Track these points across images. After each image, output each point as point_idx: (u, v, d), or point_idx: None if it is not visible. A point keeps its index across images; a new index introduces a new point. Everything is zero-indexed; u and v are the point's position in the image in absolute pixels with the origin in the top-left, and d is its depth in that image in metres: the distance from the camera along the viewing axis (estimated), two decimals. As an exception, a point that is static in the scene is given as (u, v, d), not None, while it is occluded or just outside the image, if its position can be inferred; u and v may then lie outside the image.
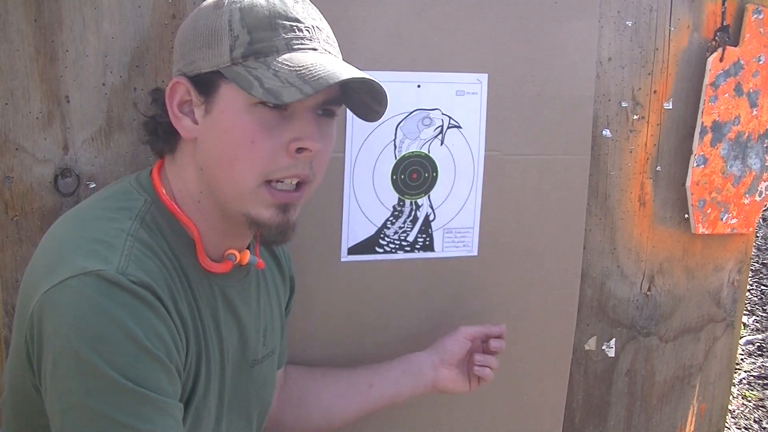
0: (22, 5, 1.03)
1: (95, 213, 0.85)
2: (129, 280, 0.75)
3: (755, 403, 2.74)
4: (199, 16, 0.86)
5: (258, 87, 0.79)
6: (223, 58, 0.82)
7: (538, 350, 1.40)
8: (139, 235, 0.81)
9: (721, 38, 1.40)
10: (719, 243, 1.53)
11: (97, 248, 0.78)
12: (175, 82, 0.87)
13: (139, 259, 0.78)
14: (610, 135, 1.39)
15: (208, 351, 0.89)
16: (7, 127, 1.05)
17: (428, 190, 1.27)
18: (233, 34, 0.81)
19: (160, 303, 0.78)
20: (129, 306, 0.74)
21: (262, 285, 1.02)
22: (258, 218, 0.85)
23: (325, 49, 0.85)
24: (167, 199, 0.88)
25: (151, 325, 0.76)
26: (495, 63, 1.26)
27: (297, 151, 0.83)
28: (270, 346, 1.03)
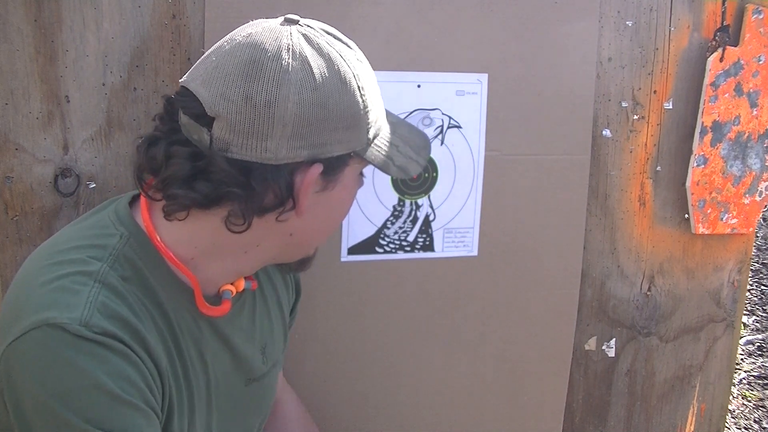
0: (22, 5, 1.03)
1: (65, 255, 0.79)
2: (93, 331, 0.71)
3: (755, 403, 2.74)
4: (326, 92, 0.77)
5: (392, 166, 0.84)
6: (362, 141, 0.82)
7: (538, 350, 1.40)
8: (108, 280, 0.76)
9: (721, 38, 1.40)
10: (719, 243, 1.53)
11: (61, 297, 0.73)
12: (311, 174, 0.79)
13: (105, 306, 0.74)
14: (610, 135, 1.39)
15: (191, 385, 0.86)
16: (7, 127, 1.05)
17: (428, 190, 1.27)
18: (368, 116, 0.82)
19: (129, 348, 0.74)
20: (96, 355, 0.71)
21: (259, 301, 0.99)
22: (308, 257, 0.93)
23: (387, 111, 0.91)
24: (162, 247, 0.82)
25: (121, 371, 0.72)
26: (495, 63, 1.26)
27: None
28: (271, 360, 1.01)
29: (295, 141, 0.76)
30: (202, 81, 0.78)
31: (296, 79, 0.75)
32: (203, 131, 0.77)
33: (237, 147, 0.76)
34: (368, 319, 1.29)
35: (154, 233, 0.82)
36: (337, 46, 0.81)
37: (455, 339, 1.34)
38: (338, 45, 0.81)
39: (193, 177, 0.77)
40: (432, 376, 1.34)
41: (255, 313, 0.98)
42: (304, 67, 0.76)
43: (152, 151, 0.79)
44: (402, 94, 1.22)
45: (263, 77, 0.75)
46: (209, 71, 0.78)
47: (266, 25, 0.80)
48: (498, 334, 1.37)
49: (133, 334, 0.75)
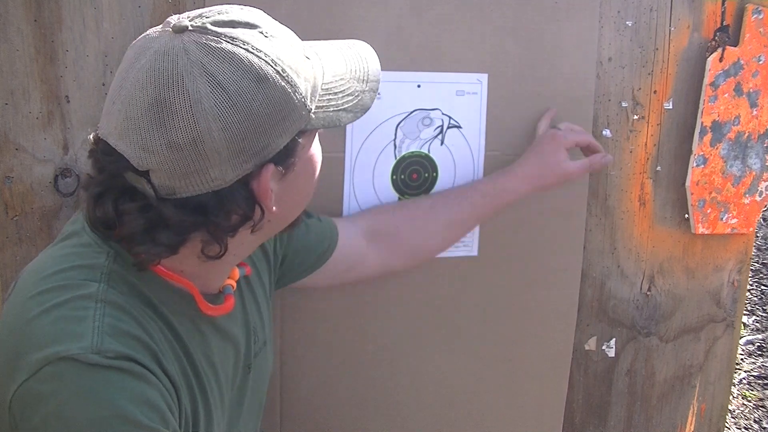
0: (22, 5, 1.03)
1: (54, 279, 0.75)
2: (107, 357, 0.69)
3: (755, 403, 2.74)
4: (246, 102, 0.72)
5: (344, 115, 0.81)
6: (302, 119, 0.76)
7: (538, 350, 1.40)
8: (109, 298, 0.73)
9: (720, 38, 1.40)
10: (719, 243, 1.53)
11: (66, 327, 0.70)
12: (265, 177, 0.75)
13: (114, 327, 0.71)
14: (610, 135, 1.39)
15: (206, 394, 0.85)
16: (7, 127, 1.05)
17: (428, 190, 1.27)
18: (298, 92, 0.75)
19: (146, 368, 0.71)
20: (114, 382, 0.69)
21: (244, 286, 0.98)
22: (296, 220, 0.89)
23: (309, 48, 0.84)
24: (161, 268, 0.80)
25: (141, 395, 0.70)
26: (495, 63, 1.26)
27: None
28: (261, 339, 1.01)
29: (236, 158, 0.73)
30: (118, 135, 0.73)
31: (210, 105, 0.70)
32: (143, 181, 0.73)
33: (182, 188, 0.73)
34: (368, 318, 1.29)
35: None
36: (240, 37, 0.73)
37: (455, 339, 1.34)
38: (239, 33, 0.73)
39: (152, 229, 0.74)
40: (432, 376, 1.34)
41: (244, 299, 0.97)
42: (214, 88, 0.70)
43: (100, 209, 0.76)
44: (402, 94, 1.22)
45: (177, 118, 0.70)
46: (120, 123, 0.73)
47: (156, 46, 0.72)
48: (498, 334, 1.37)
49: (147, 350, 0.73)
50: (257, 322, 1.01)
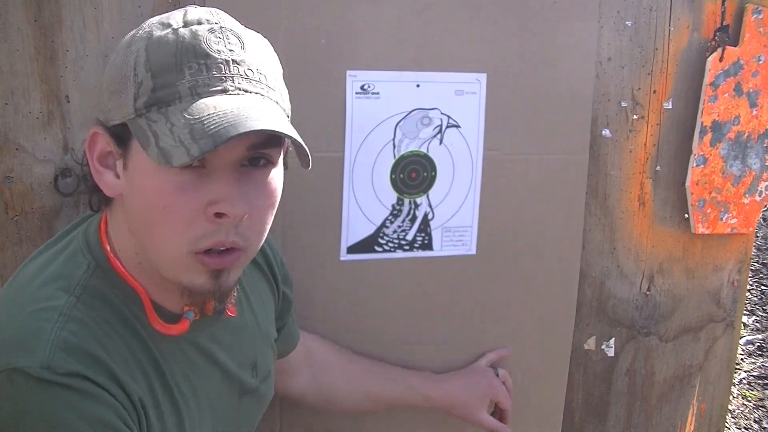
0: (22, 5, 1.03)
1: (32, 287, 0.77)
2: (56, 373, 0.68)
3: (755, 403, 2.73)
4: (114, 55, 0.76)
5: (154, 146, 0.69)
6: (128, 108, 0.72)
7: (538, 350, 1.40)
8: (73, 313, 0.73)
9: (720, 38, 1.40)
10: (719, 243, 1.53)
11: (23, 337, 0.71)
12: (93, 133, 0.77)
13: (68, 343, 0.71)
14: (609, 135, 1.39)
15: (179, 411, 0.84)
16: (7, 127, 1.06)
17: (427, 189, 1.27)
18: (137, 80, 0.71)
19: (98, 386, 0.71)
20: (63, 399, 0.68)
21: (247, 315, 0.97)
22: (191, 286, 0.76)
23: (239, 87, 0.72)
24: (113, 259, 0.80)
25: (93, 414, 0.70)
26: (494, 63, 1.26)
27: (216, 215, 0.73)
28: (262, 373, 1.00)
29: (96, 110, 0.78)
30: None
31: (110, 60, 0.78)
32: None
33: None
34: (367, 318, 1.29)
35: (106, 245, 0.80)
36: (172, 20, 0.74)
37: (454, 338, 1.34)
38: (177, 17, 0.75)
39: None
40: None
41: (244, 330, 0.96)
42: (119, 47, 0.77)
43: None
44: (401, 94, 1.22)
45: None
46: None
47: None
48: (497, 333, 1.37)
49: (100, 368, 0.72)
50: (259, 356, 1.00)
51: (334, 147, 1.20)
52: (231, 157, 0.73)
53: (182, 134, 0.68)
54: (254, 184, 0.76)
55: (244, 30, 0.77)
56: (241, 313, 0.96)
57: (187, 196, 0.72)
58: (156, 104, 0.71)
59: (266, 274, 1.06)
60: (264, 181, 0.77)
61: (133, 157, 0.74)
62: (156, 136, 0.69)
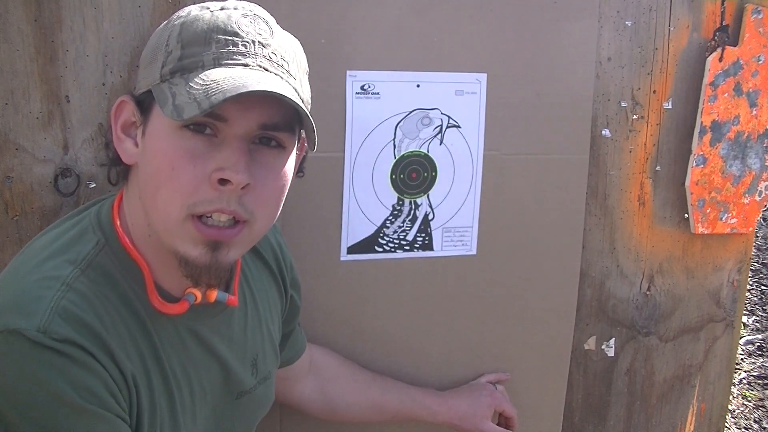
0: (22, 5, 1.03)
1: (41, 256, 0.79)
2: (51, 338, 0.70)
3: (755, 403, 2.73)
4: (153, 33, 0.82)
5: (170, 104, 0.72)
6: (155, 75, 0.77)
7: (538, 350, 1.40)
8: (76, 285, 0.75)
9: (720, 38, 1.40)
10: (719, 243, 1.53)
11: (24, 302, 0.73)
12: (120, 101, 0.81)
13: (67, 311, 0.73)
14: (609, 135, 1.39)
15: (172, 396, 0.84)
16: (7, 127, 1.05)
17: (427, 190, 1.27)
18: (168, 50, 0.76)
19: (90, 356, 0.72)
20: (55, 365, 0.70)
21: (251, 311, 0.97)
22: (186, 256, 0.77)
23: (260, 65, 0.75)
24: (122, 235, 0.82)
25: (81, 381, 0.71)
26: (494, 63, 1.26)
27: (220, 182, 0.74)
28: (262, 373, 1.00)
29: (136, 75, 0.84)
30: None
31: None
32: None
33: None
34: (368, 318, 1.29)
35: (117, 222, 0.82)
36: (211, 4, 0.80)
37: (454, 338, 1.35)
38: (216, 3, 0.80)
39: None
40: (431, 375, 1.34)
41: (246, 326, 0.96)
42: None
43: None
44: (401, 94, 1.22)
45: None
46: None
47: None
48: (497, 333, 1.37)
49: (95, 339, 0.74)
50: (260, 354, 0.99)
51: (334, 147, 1.20)
52: (242, 131, 0.76)
53: (197, 93, 0.71)
54: (262, 161, 0.78)
55: (277, 25, 0.81)
56: (244, 308, 0.96)
57: (195, 161, 0.75)
58: (180, 71, 0.75)
59: (275, 277, 1.06)
60: (272, 161, 0.79)
61: (152, 122, 0.78)
62: (174, 96, 0.73)
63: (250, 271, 1.00)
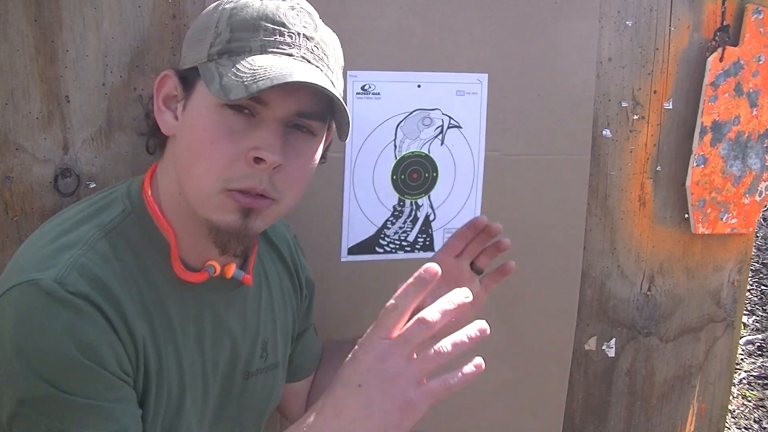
0: (22, 5, 1.03)
1: (68, 222, 0.83)
2: (65, 290, 0.74)
3: (755, 403, 2.74)
4: (201, 14, 0.86)
5: (217, 83, 0.77)
6: (202, 54, 0.81)
7: (538, 350, 1.40)
8: (97, 246, 0.79)
9: (721, 38, 1.40)
10: (719, 243, 1.53)
11: (46, 257, 0.77)
12: (164, 75, 0.86)
13: (85, 268, 0.76)
14: (610, 135, 1.39)
15: (181, 363, 0.86)
16: (7, 127, 1.05)
17: (428, 190, 1.27)
18: (217, 32, 0.80)
19: (99, 312, 0.75)
20: (61, 317, 0.73)
21: (265, 298, 1.00)
22: (218, 223, 0.80)
23: (303, 56, 0.80)
24: (151, 203, 0.85)
25: (84, 337, 0.74)
26: (495, 63, 1.26)
27: (255, 161, 0.78)
28: (271, 359, 1.01)
29: (182, 51, 0.87)
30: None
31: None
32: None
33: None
34: (368, 319, 1.28)
35: (148, 191, 0.86)
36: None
37: (455, 339, 1.34)
38: None
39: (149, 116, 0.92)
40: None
41: (260, 308, 0.99)
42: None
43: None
44: (402, 94, 1.22)
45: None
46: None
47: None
48: (498, 333, 1.36)
49: (108, 297, 0.77)
50: (270, 339, 1.00)
51: (334, 147, 1.19)
52: (279, 114, 0.80)
53: (245, 76, 0.75)
54: (294, 145, 0.82)
55: (321, 20, 0.86)
56: (258, 292, 0.99)
57: (233, 138, 0.79)
58: (228, 53, 0.79)
59: (291, 272, 1.07)
60: (303, 146, 0.83)
61: (195, 97, 0.82)
62: (221, 76, 0.77)
63: (265, 261, 1.03)
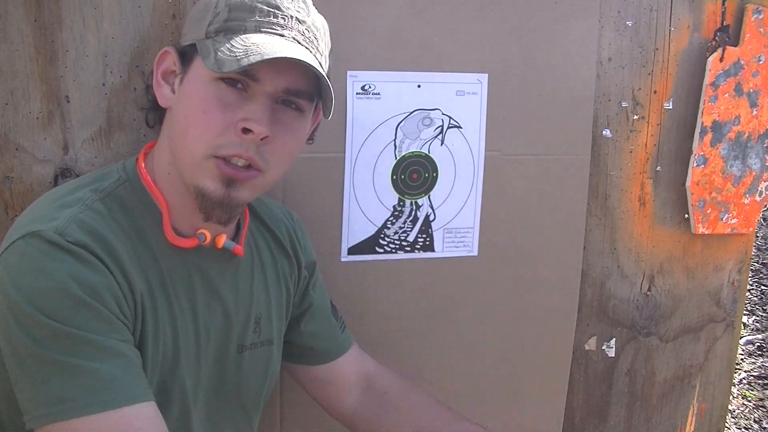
0: (22, 5, 1.02)
1: (65, 189, 0.88)
2: (66, 240, 0.78)
3: (755, 403, 2.74)
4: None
5: (212, 58, 0.82)
6: (201, 32, 0.86)
7: (538, 350, 1.40)
8: (94, 206, 0.85)
9: (721, 38, 1.40)
10: (719, 243, 1.53)
11: (47, 213, 0.82)
12: (164, 51, 0.91)
13: (85, 222, 0.81)
14: (610, 135, 1.39)
15: (175, 320, 0.90)
16: (7, 127, 1.05)
17: (428, 190, 1.27)
18: (216, 11, 0.85)
19: (99, 261, 0.80)
20: (65, 261, 0.78)
21: (257, 272, 1.02)
22: (203, 189, 0.85)
23: (294, 38, 0.85)
24: (144, 172, 0.91)
25: (85, 278, 0.78)
26: (495, 63, 1.26)
27: (243, 131, 0.84)
28: (265, 335, 1.04)
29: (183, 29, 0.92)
30: None
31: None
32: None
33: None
34: (368, 319, 1.29)
35: (142, 162, 0.92)
36: None
37: (455, 339, 1.34)
38: None
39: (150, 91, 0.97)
40: (432, 375, 1.34)
41: (252, 283, 1.01)
42: None
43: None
44: (402, 94, 1.22)
45: None
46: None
47: None
48: (498, 334, 1.37)
49: (106, 248, 0.82)
50: (263, 313, 1.03)
51: (334, 147, 1.20)
52: (269, 89, 0.85)
53: (238, 52, 0.81)
54: (283, 120, 0.87)
55: (313, 6, 0.90)
56: (250, 266, 1.02)
57: (225, 109, 0.84)
58: (224, 31, 0.84)
59: (287, 252, 1.09)
60: (290, 122, 0.88)
61: (191, 72, 0.87)
62: (216, 52, 0.82)
63: (258, 240, 1.05)
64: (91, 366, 0.75)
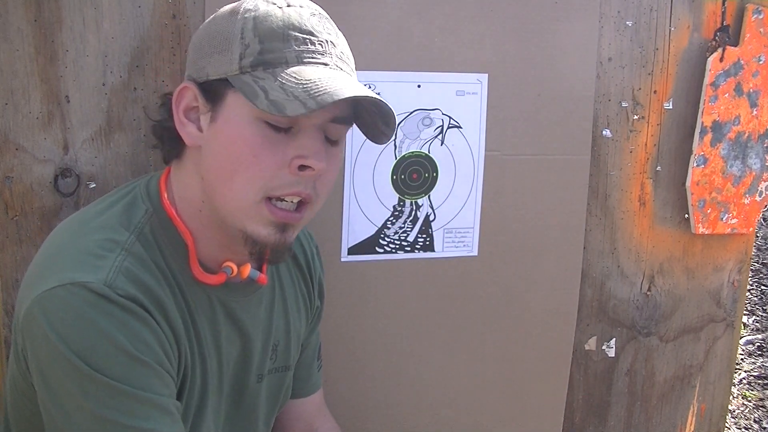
0: (22, 5, 1.03)
1: (97, 221, 0.85)
2: (116, 293, 0.76)
3: (755, 403, 2.74)
4: (214, 22, 0.85)
5: (263, 98, 0.77)
6: (232, 65, 0.80)
7: (538, 350, 1.40)
8: (134, 249, 0.82)
9: (721, 38, 1.40)
10: (719, 243, 1.53)
11: (88, 259, 0.78)
12: (183, 87, 0.86)
13: (129, 272, 0.79)
14: (610, 135, 1.39)
15: (205, 362, 0.89)
16: (7, 127, 1.05)
17: (428, 190, 1.27)
18: (244, 42, 0.80)
19: (148, 314, 0.78)
20: (115, 316, 0.75)
21: (278, 300, 1.01)
22: (255, 235, 0.83)
23: (336, 65, 0.82)
24: (168, 207, 0.87)
25: (137, 334, 0.77)
26: (495, 63, 1.26)
27: (300, 168, 0.81)
28: (281, 361, 1.02)
29: (190, 68, 0.87)
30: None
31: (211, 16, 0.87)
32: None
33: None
34: (368, 319, 1.29)
35: (164, 194, 0.88)
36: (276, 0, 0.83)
37: (455, 339, 1.34)
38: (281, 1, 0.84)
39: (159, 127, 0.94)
40: (432, 375, 1.34)
41: (273, 310, 1.00)
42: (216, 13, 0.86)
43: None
44: (402, 94, 1.22)
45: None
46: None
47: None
48: (498, 334, 1.37)
49: (153, 299, 0.80)
50: (281, 341, 1.02)
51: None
52: (318, 122, 0.82)
53: (295, 91, 0.77)
54: (330, 149, 0.85)
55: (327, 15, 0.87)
56: (272, 294, 1.00)
57: (275, 149, 0.81)
58: (263, 65, 0.79)
59: (306, 277, 1.08)
60: (334, 150, 0.87)
61: (226, 109, 0.82)
62: (265, 91, 0.77)
63: (280, 266, 1.04)
64: (145, 426, 0.75)
